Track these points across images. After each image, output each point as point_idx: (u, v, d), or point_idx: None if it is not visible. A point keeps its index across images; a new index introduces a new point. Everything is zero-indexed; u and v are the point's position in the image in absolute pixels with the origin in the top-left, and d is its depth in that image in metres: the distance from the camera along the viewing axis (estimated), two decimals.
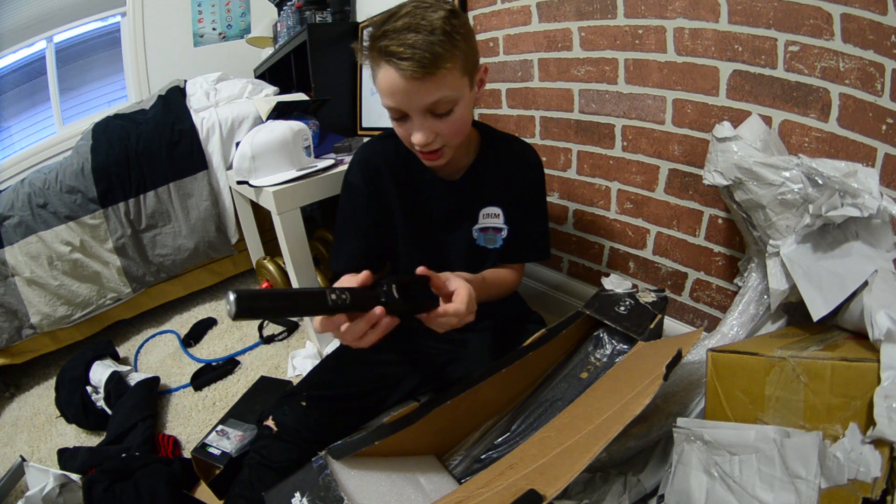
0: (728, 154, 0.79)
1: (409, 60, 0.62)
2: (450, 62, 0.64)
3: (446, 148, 0.74)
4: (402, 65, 0.62)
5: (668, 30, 0.97)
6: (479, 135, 0.87)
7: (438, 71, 0.64)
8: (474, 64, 0.72)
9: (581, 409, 0.66)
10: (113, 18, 2.44)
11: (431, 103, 0.67)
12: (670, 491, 0.65)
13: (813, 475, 0.53)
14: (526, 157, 0.89)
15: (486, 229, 0.89)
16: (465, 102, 0.71)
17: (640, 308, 0.87)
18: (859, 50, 0.75)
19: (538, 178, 0.91)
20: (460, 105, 0.70)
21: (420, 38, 0.62)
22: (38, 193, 1.49)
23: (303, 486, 0.54)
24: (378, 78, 0.67)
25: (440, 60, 0.63)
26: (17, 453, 1.15)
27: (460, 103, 0.70)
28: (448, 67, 0.64)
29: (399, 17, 0.64)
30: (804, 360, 0.57)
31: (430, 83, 0.65)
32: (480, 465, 0.74)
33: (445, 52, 0.63)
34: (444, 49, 0.63)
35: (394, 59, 0.63)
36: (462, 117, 0.72)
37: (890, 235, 0.68)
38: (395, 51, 0.62)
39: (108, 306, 1.60)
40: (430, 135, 0.70)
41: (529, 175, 0.89)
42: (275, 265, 1.61)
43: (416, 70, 0.62)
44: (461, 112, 0.71)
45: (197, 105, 1.76)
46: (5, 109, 2.31)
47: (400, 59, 0.62)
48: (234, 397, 1.29)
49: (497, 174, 0.86)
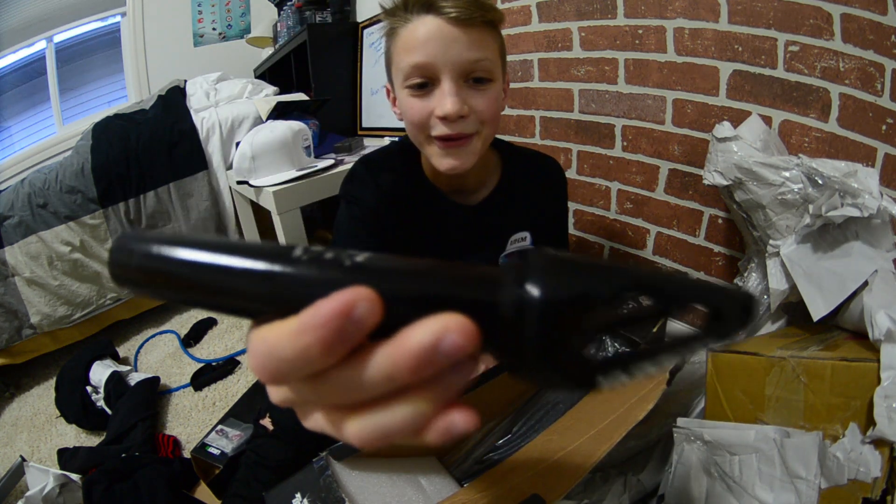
0: (728, 154, 0.79)
1: (454, 5, 0.56)
2: (492, 25, 0.60)
3: (476, 138, 0.63)
4: (448, 6, 0.56)
5: (668, 30, 0.97)
6: (498, 154, 0.78)
7: (488, 21, 0.59)
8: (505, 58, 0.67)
9: (583, 413, 0.66)
10: (113, 18, 2.44)
11: (472, 61, 0.58)
12: (670, 491, 0.65)
13: (813, 475, 0.53)
14: (553, 175, 0.83)
15: (511, 255, 0.82)
16: (499, 88, 0.64)
17: None
18: (859, 50, 0.75)
19: (565, 192, 0.86)
20: (495, 87, 0.62)
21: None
22: (38, 193, 1.49)
23: (304, 486, 0.54)
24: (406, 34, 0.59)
25: (491, 12, 0.59)
26: (17, 453, 1.15)
27: (496, 83, 0.62)
28: (495, 25, 0.60)
29: None
30: (804, 360, 0.57)
31: (476, 34, 0.58)
32: (481, 466, 0.74)
33: (489, 13, 0.58)
34: (489, 10, 0.58)
35: (435, 7, 0.57)
36: (497, 100, 0.63)
37: (890, 235, 0.68)
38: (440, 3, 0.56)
39: (108, 306, 1.60)
40: (462, 105, 0.59)
41: (558, 192, 0.84)
42: None
43: (464, 11, 0.56)
44: (495, 94, 0.63)
45: (197, 105, 1.76)
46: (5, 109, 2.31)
47: (444, 6, 0.56)
48: (234, 397, 1.29)
49: (525, 197, 0.78)
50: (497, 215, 0.77)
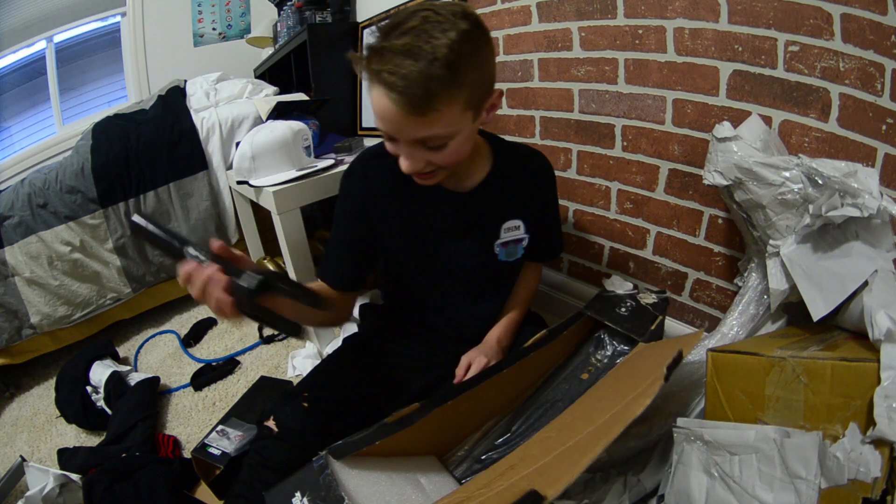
0: (728, 154, 0.79)
1: (401, 94, 0.55)
2: (446, 102, 0.57)
3: (440, 171, 0.69)
4: (392, 96, 0.55)
5: (668, 30, 0.97)
6: (489, 145, 0.82)
7: (431, 112, 0.57)
8: (485, 92, 0.64)
9: (582, 410, 0.66)
10: (113, 18, 2.44)
11: (421, 138, 0.61)
12: (670, 491, 0.65)
13: (813, 475, 0.53)
14: (540, 165, 0.87)
15: (508, 243, 0.86)
16: (465, 135, 0.64)
17: (641, 309, 0.87)
18: (859, 50, 0.75)
19: (553, 182, 0.90)
20: (457, 140, 0.63)
21: (417, 68, 0.54)
22: (38, 193, 1.49)
23: (303, 485, 0.54)
24: (371, 95, 0.60)
25: (435, 101, 0.56)
26: (17, 453, 1.15)
27: (457, 137, 0.63)
28: (443, 108, 0.57)
29: (403, 31, 0.55)
30: (804, 360, 0.57)
31: (422, 121, 0.58)
32: (481, 465, 0.74)
33: (443, 89, 0.55)
34: (443, 86, 0.55)
35: (384, 86, 0.56)
36: (457, 150, 0.65)
37: (890, 235, 0.68)
38: (387, 79, 0.55)
39: (108, 306, 1.60)
40: (418, 164, 0.65)
41: (546, 182, 0.88)
42: (275, 265, 1.61)
43: (405, 107, 0.56)
44: (457, 146, 0.64)
45: (197, 105, 1.76)
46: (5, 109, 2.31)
47: (390, 90, 0.55)
48: (234, 397, 1.29)
49: (515, 186, 0.82)
50: (488, 202, 0.81)
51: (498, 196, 0.82)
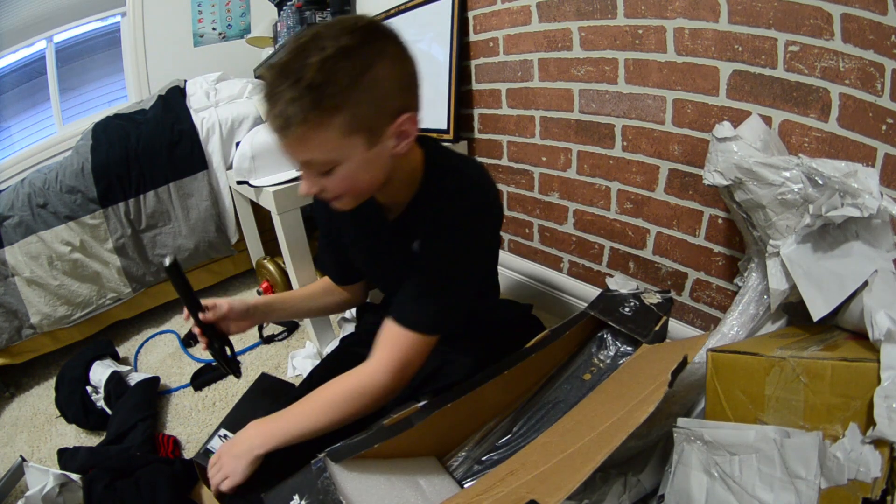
0: (728, 154, 0.79)
1: (268, 114, 0.53)
2: (312, 126, 0.52)
3: (346, 197, 0.63)
4: (268, 111, 0.54)
5: (668, 30, 0.97)
6: (423, 167, 0.70)
7: (292, 136, 0.53)
8: (379, 116, 0.56)
9: (584, 414, 0.66)
10: (113, 18, 2.43)
11: (303, 162, 0.58)
12: (670, 491, 0.65)
13: (813, 475, 0.53)
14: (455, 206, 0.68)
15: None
16: (358, 163, 0.58)
17: (644, 309, 0.87)
18: (859, 50, 0.75)
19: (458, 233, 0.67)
20: (345, 167, 0.58)
21: (281, 89, 0.51)
22: (38, 193, 1.49)
23: (301, 488, 0.54)
24: None
25: (296, 125, 0.52)
26: (17, 453, 1.15)
27: (346, 164, 0.58)
28: (309, 133, 0.53)
29: (290, 47, 0.52)
30: (804, 360, 0.57)
31: (292, 144, 0.55)
32: (482, 466, 0.74)
33: (305, 113, 0.51)
34: (303, 110, 0.51)
35: (264, 100, 0.54)
36: (351, 177, 0.59)
37: (890, 235, 0.68)
38: (263, 97, 0.53)
39: (108, 306, 1.60)
40: (312, 187, 0.61)
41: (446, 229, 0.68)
42: (275, 265, 1.61)
43: (272, 127, 0.54)
44: (348, 173, 0.59)
45: (197, 105, 1.76)
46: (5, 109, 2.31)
47: (263, 108, 0.54)
48: (234, 397, 1.29)
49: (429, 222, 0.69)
50: (408, 234, 0.74)
51: (418, 229, 0.72)
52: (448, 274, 0.69)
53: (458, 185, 0.69)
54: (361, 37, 0.53)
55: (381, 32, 0.56)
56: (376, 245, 0.80)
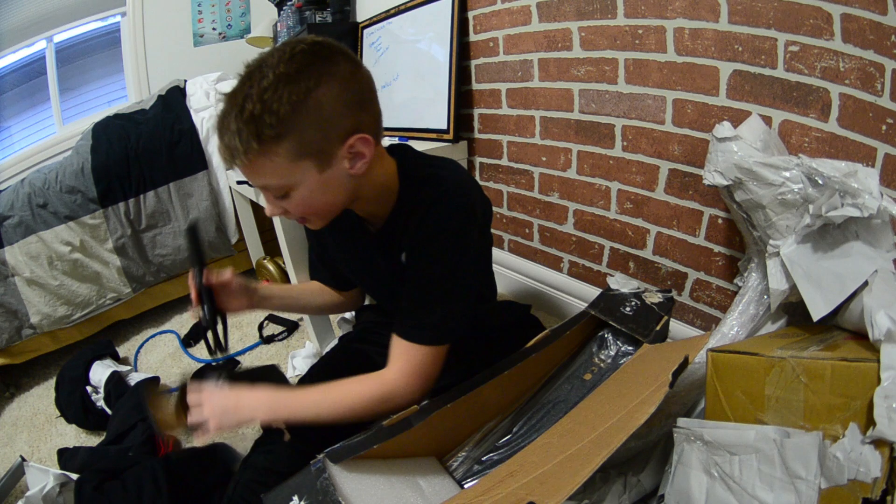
0: (728, 154, 0.79)
1: (217, 145, 0.56)
2: (256, 154, 0.53)
3: (311, 217, 0.65)
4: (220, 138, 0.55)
5: (668, 30, 0.97)
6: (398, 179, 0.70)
7: (238, 165, 0.55)
8: (327, 140, 0.56)
9: (584, 415, 0.65)
10: (113, 18, 2.43)
11: (260, 186, 0.59)
12: (670, 491, 0.65)
13: (813, 475, 0.53)
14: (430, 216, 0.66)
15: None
16: (313, 186, 0.58)
17: (646, 309, 0.86)
18: (859, 50, 0.75)
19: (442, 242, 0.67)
20: (300, 191, 0.58)
21: (228, 121, 0.52)
22: (38, 193, 1.49)
23: (301, 489, 0.54)
24: None
25: (236, 155, 0.53)
26: (17, 453, 1.15)
27: (300, 188, 0.58)
28: (254, 160, 0.54)
29: (243, 73, 0.54)
30: (804, 360, 0.57)
31: (243, 171, 0.56)
32: (482, 466, 0.74)
33: (242, 145, 0.52)
34: (242, 141, 0.52)
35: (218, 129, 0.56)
36: (307, 200, 0.60)
37: (890, 235, 0.68)
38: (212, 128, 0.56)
39: (108, 306, 1.60)
40: (274, 209, 0.63)
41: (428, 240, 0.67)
42: (275, 265, 1.61)
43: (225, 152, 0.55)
44: (304, 196, 0.59)
45: (197, 105, 1.76)
46: (5, 109, 2.31)
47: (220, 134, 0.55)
48: None
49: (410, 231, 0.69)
50: (391, 245, 0.73)
51: (400, 239, 0.72)
52: (442, 282, 0.68)
53: (437, 193, 0.67)
54: (300, 62, 0.52)
55: (325, 53, 0.55)
56: (363, 257, 0.80)
